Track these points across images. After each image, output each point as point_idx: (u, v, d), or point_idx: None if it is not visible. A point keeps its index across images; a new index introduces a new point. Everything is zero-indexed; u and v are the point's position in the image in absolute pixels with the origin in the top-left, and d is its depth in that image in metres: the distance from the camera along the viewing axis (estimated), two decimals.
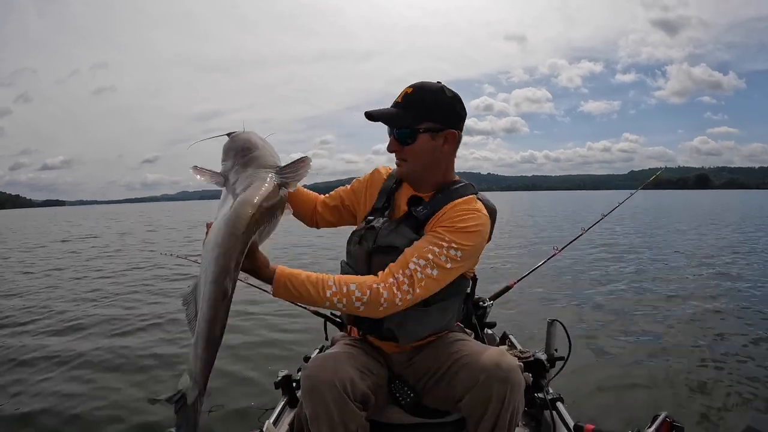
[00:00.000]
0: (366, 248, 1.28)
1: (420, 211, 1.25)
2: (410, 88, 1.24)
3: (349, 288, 1.08)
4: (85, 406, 2.71)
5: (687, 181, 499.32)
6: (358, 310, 1.10)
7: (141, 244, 13.48)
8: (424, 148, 1.24)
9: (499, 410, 1.08)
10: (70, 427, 2.52)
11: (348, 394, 1.09)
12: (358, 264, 1.29)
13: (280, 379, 1.67)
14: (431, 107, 1.23)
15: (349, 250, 1.35)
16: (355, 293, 1.08)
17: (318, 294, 1.07)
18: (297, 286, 1.06)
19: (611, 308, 4.45)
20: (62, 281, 7.23)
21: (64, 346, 3.83)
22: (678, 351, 3.19)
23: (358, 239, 1.31)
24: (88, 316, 4.80)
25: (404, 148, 1.26)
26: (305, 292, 1.06)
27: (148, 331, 4.25)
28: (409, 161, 1.27)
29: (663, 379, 2.72)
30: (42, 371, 3.30)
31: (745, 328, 3.73)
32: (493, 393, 1.07)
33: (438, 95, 1.24)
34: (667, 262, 7.42)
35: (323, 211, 1.48)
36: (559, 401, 1.52)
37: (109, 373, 3.21)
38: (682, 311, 4.29)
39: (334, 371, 1.10)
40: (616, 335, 3.58)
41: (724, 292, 5.08)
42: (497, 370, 1.08)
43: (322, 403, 1.08)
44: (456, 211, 1.22)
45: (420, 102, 1.23)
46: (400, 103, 1.24)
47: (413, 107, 1.23)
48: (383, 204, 1.35)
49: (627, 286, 5.51)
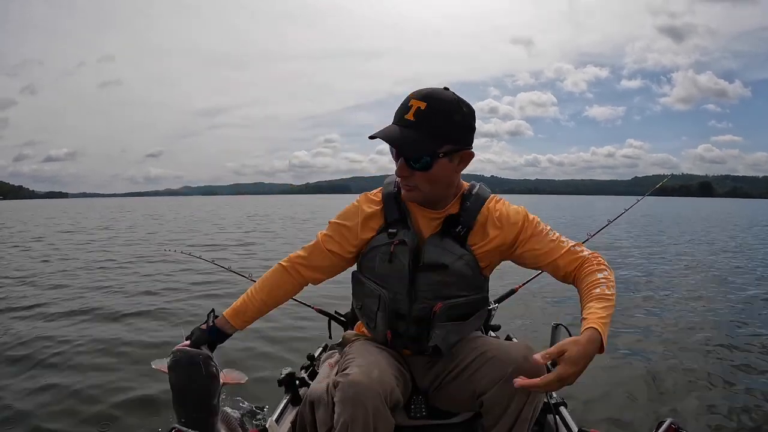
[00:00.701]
0: (404, 266, 1.21)
1: (460, 231, 1.22)
2: (422, 102, 1.08)
3: (605, 277, 1.12)
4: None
5: (690, 188, 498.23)
6: (613, 282, 1.13)
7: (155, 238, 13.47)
8: (441, 174, 1.14)
9: (524, 403, 1.09)
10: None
11: (387, 402, 1.08)
12: (393, 282, 1.23)
13: (284, 376, 1.65)
14: (450, 127, 1.10)
15: (371, 267, 1.27)
16: (609, 277, 1.13)
17: (612, 303, 1.08)
18: (608, 319, 1.04)
19: (616, 312, 4.42)
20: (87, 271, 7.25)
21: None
22: (685, 357, 3.18)
23: (387, 257, 1.22)
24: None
25: (416, 173, 1.14)
26: (611, 311, 1.06)
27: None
28: (421, 187, 1.16)
29: (669, 385, 2.71)
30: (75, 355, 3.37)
31: (755, 335, 3.70)
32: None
33: (455, 111, 1.10)
34: (672, 267, 7.41)
35: (311, 272, 1.33)
36: (562, 406, 1.52)
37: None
38: (690, 317, 4.27)
39: (380, 380, 1.09)
40: (620, 340, 3.56)
41: (734, 298, 5.06)
42: (525, 363, 1.08)
43: (362, 410, 1.05)
44: (505, 212, 1.25)
45: (437, 121, 1.08)
46: (413, 121, 1.08)
47: (430, 128, 1.08)
48: (399, 215, 1.25)
49: (632, 290, 5.50)
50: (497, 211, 1.25)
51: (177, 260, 6.89)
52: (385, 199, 1.28)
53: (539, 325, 3.85)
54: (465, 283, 1.23)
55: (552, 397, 1.50)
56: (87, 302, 5.07)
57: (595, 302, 1.05)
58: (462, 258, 1.20)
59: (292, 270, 1.32)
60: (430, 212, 1.25)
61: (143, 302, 5.03)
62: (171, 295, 5.36)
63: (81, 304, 4.95)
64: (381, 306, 1.25)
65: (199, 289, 5.58)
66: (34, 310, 4.76)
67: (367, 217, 1.28)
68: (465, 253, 1.21)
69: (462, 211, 1.23)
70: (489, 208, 1.25)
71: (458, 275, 1.21)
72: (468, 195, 1.26)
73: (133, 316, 4.47)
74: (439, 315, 1.21)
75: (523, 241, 1.22)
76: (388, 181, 1.32)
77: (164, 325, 4.20)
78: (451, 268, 1.20)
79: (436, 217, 1.25)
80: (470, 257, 1.22)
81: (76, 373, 3.08)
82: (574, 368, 0.93)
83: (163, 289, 5.71)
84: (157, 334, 3.92)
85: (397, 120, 1.11)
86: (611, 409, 2.43)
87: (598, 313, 1.02)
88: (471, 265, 1.22)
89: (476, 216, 1.23)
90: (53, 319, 4.41)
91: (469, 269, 1.22)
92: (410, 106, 1.09)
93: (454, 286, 1.22)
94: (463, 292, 1.23)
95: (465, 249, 1.21)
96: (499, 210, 1.25)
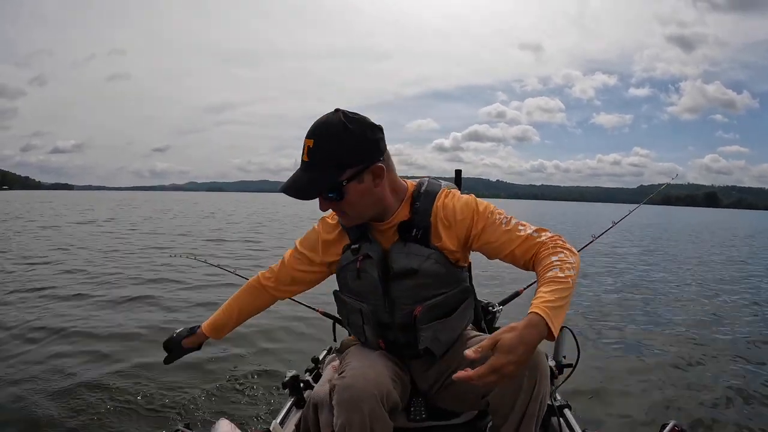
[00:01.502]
0: (374, 278, 1.22)
1: (417, 234, 1.21)
2: (310, 140, 1.09)
3: (561, 259, 1.03)
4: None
5: (696, 198, 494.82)
6: (575, 264, 1.04)
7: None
8: (357, 196, 1.13)
9: (529, 400, 1.07)
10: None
11: (384, 404, 1.09)
12: (369, 295, 1.25)
13: (288, 379, 1.66)
14: (341, 153, 1.08)
15: (345, 284, 1.30)
16: (566, 258, 1.03)
17: (567, 285, 0.98)
18: (558, 302, 0.95)
19: (621, 316, 4.46)
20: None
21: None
22: (688, 360, 3.18)
23: (355, 274, 1.24)
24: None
25: (336, 204, 1.15)
26: (564, 293, 0.97)
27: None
28: (348, 212, 1.17)
29: (672, 388, 2.71)
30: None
31: (760, 340, 3.68)
32: (523, 383, 1.06)
33: (342, 135, 1.07)
34: (677, 273, 7.40)
35: (278, 291, 1.39)
36: (566, 408, 1.52)
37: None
38: (694, 321, 4.27)
39: (375, 382, 1.09)
40: (625, 343, 3.58)
41: (736, 302, 5.06)
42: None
43: (359, 414, 1.06)
44: (454, 207, 1.21)
45: (326, 154, 1.08)
46: (308, 162, 1.10)
47: (323, 162, 1.09)
48: (360, 231, 1.25)
49: (637, 294, 5.52)
50: (445, 208, 1.22)
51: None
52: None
53: None
54: (440, 281, 1.23)
55: (556, 400, 1.51)
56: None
57: (545, 286, 0.99)
58: (430, 258, 1.20)
59: (262, 289, 1.41)
60: (381, 224, 1.24)
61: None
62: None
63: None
64: (365, 319, 1.27)
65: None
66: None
67: (327, 245, 1.32)
68: (431, 252, 1.20)
69: (413, 214, 1.22)
70: (438, 206, 1.22)
71: (431, 275, 1.21)
72: (417, 195, 1.24)
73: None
74: (420, 318, 1.22)
75: (477, 236, 1.19)
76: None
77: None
78: (422, 270, 1.19)
79: (389, 227, 1.23)
80: (438, 255, 1.21)
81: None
82: (509, 357, 0.88)
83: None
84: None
85: (301, 163, 1.12)
86: (615, 411, 2.44)
87: (545, 296, 0.95)
88: (441, 262, 1.21)
89: (429, 216, 1.21)
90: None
91: (440, 267, 1.21)
92: (304, 146, 1.10)
93: (430, 287, 1.22)
94: (441, 290, 1.23)
95: (430, 248, 1.20)
96: (446, 207, 1.22)
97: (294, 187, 1.11)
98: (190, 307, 4.76)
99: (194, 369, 3.30)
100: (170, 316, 4.42)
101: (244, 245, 10.90)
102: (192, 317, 4.15)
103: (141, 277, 6.36)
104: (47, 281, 5.83)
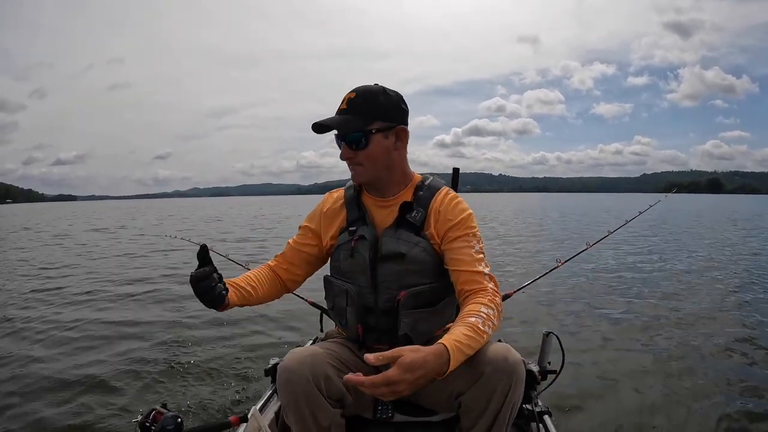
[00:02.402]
0: (365, 259, 1.27)
1: (415, 216, 1.27)
2: (352, 93, 1.24)
3: (488, 315, 1.10)
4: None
5: (699, 185, 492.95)
6: (496, 327, 1.13)
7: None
8: (379, 149, 1.24)
9: (501, 404, 1.07)
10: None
11: (321, 390, 1.10)
12: (358, 276, 1.29)
13: (270, 366, 1.64)
14: (378, 107, 1.23)
15: (337, 266, 1.34)
16: (492, 317, 1.11)
17: (480, 340, 1.06)
18: (466, 349, 1.02)
19: (611, 323, 4.28)
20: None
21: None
22: (679, 371, 3.05)
23: (349, 253, 1.30)
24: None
25: (358, 153, 1.24)
26: (475, 345, 1.05)
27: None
28: (365, 165, 1.26)
29: (655, 399, 2.63)
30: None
31: (752, 346, 3.50)
32: (498, 386, 1.06)
33: (381, 95, 1.24)
34: (674, 272, 7.14)
35: (288, 274, 1.41)
36: (546, 414, 1.50)
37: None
38: (688, 328, 4.06)
39: (311, 366, 1.11)
40: (612, 352, 3.46)
41: (734, 307, 4.85)
42: (504, 363, 1.06)
43: (293, 396, 1.10)
44: (449, 205, 1.29)
45: (366, 104, 1.23)
46: (346, 109, 1.23)
47: (361, 110, 1.22)
48: (359, 214, 1.33)
49: (631, 299, 5.30)
50: (442, 203, 1.29)
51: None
52: (347, 201, 1.38)
53: (531, 332, 3.78)
54: (426, 270, 1.26)
55: (537, 405, 1.50)
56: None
57: (463, 327, 1.05)
58: (418, 245, 1.25)
59: (276, 277, 1.41)
60: (383, 201, 1.32)
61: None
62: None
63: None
64: (349, 301, 1.30)
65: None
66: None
67: (327, 218, 1.39)
68: (420, 240, 1.26)
69: (415, 199, 1.30)
70: (437, 199, 1.30)
71: (417, 262, 1.25)
72: (421, 185, 1.33)
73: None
74: (404, 303, 1.25)
75: (448, 239, 1.26)
76: (349, 185, 1.40)
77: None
78: (409, 256, 1.24)
79: (389, 205, 1.31)
80: (426, 244, 1.26)
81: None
82: (405, 375, 0.90)
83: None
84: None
85: (335, 113, 1.25)
86: (596, 420, 2.38)
87: (459, 337, 1.01)
88: (428, 251, 1.26)
89: (429, 205, 1.29)
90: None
91: (427, 255, 1.26)
92: (345, 98, 1.24)
93: (416, 274, 1.26)
94: (425, 280, 1.27)
95: (420, 237, 1.27)
96: (443, 202, 1.30)
97: (332, 121, 1.23)
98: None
99: (178, 350, 3.39)
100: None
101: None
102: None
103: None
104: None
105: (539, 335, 1.73)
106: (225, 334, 3.79)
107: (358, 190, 1.37)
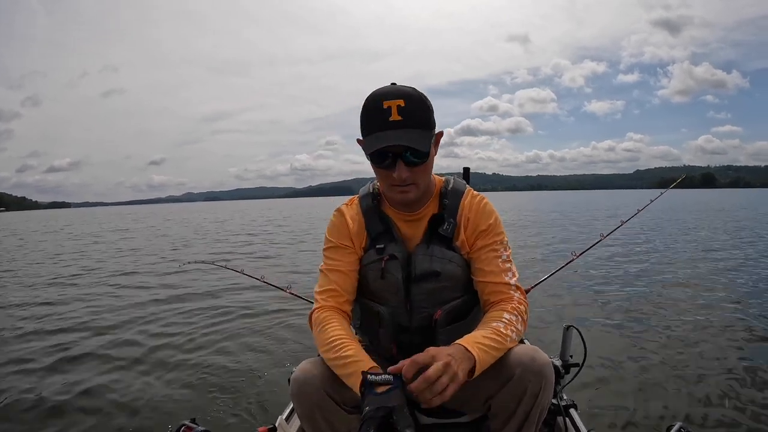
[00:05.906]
0: (397, 279, 1.19)
1: (446, 228, 1.20)
2: (400, 100, 1.04)
3: (510, 321, 1.08)
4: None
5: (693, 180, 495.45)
6: (520, 332, 1.10)
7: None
8: (431, 163, 1.13)
9: (531, 406, 1.05)
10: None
11: (334, 397, 1.07)
12: (391, 297, 1.22)
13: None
14: (428, 114, 1.09)
15: (364, 284, 1.24)
16: (515, 323, 1.09)
17: (503, 341, 1.04)
18: (488, 348, 1.00)
19: (630, 314, 4.30)
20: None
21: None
22: (698, 361, 3.06)
23: (379, 274, 1.20)
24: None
25: (416, 172, 1.10)
26: (498, 346, 1.02)
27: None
28: (419, 183, 1.13)
29: (680, 389, 2.63)
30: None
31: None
32: (528, 388, 1.03)
33: (422, 99, 1.08)
34: (690, 263, 7.12)
35: (349, 305, 1.24)
36: (572, 408, 1.51)
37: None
38: (706, 318, 4.07)
39: (321, 375, 1.08)
40: (633, 342, 3.47)
41: (755, 299, 4.78)
42: (532, 364, 1.04)
43: (307, 405, 1.07)
44: (477, 208, 1.22)
45: (421, 111, 1.07)
46: (402, 120, 1.04)
47: (421, 121, 1.07)
48: (383, 228, 1.23)
49: (648, 290, 5.32)
50: (470, 209, 1.23)
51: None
52: (366, 214, 1.25)
53: (551, 326, 3.81)
54: (459, 284, 1.22)
55: (562, 399, 1.49)
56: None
57: (484, 331, 1.03)
58: (452, 261, 1.20)
59: (344, 315, 1.21)
60: (410, 215, 1.23)
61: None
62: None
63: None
64: (382, 322, 1.24)
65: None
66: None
67: (354, 231, 1.24)
68: (454, 255, 1.20)
69: (443, 209, 1.22)
70: (464, 204, 1.23)
71: (451, 278, 1.20)
72: (444, 191, 1.25)
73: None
74: (440, 321, 1.21)
75: (476, 248, 1.21)
76: (363, 193, 1.29)
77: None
78: (444, 273, 1.19)
79: (417, 219, 1.23)
80: (459, 258, 1.21)
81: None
82: (453, 363, 0.90)
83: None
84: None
85: (383, 125, 1.05)
86: (621, 412, 2.39)
87: (479, 339, 1.00)
88: (461, 265, 1.21)
89: (457, 212, 1.22)
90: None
91: (460, 270, 1.21)
92: (388, 107, 1.04)
93: (449, 290, 1.21)
94: (458, 293, 1.23)
95: (453, 251, 1.21)
96: (471, 207, 1.23)
97: (407, 138, 1.03)
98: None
99: (202, 364, 3.32)
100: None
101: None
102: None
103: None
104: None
105: (560, 329, 1.72)
106: (250, 345, 3.73)
107: (378, 199, 1.26)
